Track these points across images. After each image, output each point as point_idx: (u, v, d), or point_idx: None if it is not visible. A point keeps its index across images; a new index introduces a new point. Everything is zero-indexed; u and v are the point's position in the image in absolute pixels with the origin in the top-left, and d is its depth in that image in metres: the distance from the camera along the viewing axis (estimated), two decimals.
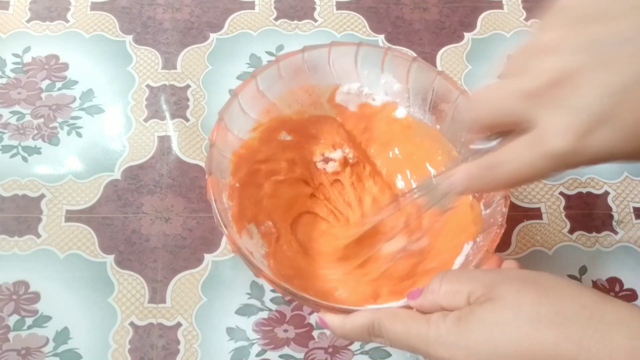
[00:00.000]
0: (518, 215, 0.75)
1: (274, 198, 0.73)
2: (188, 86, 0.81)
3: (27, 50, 0.82)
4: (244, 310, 0.68)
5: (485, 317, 0.52)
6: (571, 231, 0.75)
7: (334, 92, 0.74)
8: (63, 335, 0.66)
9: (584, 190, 0.77)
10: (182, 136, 0.78)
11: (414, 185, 0.75)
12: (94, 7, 0.85)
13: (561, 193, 0.77)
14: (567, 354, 0.49)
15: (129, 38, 0.83)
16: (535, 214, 0.76)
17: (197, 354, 0.66)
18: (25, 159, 0.75)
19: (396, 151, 0.77)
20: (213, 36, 0.84)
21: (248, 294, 0.69)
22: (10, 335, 0.65)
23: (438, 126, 0.73)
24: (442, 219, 0.73)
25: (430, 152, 0.76)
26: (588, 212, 0.76)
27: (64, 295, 0.68)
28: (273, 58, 0.82)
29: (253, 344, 0.67)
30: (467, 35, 0.87)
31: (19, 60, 0.81)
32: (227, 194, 0.67)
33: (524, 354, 0.50)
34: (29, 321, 0.66)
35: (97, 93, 0.80)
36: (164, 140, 0.77)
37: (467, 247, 0.68)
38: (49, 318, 0.66)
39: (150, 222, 0.72)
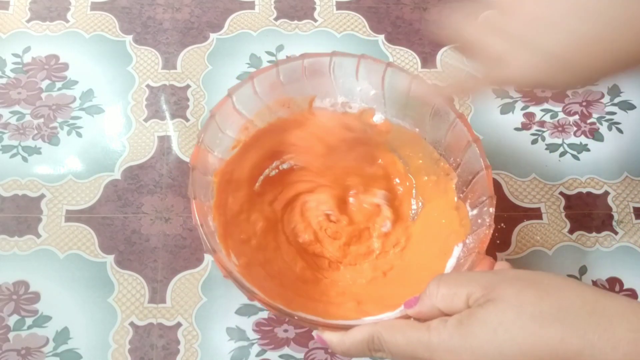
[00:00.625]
0: (518, 215, 0.76)
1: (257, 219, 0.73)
2: (188, 86, 0.82)
3: (27, 50, 0.83)
4: (244, 310, 0.69)
5: (487, 318, 0.52)
6: (571, 231, 0.75)
7: (311, 102, 0.75)
8: (63, 335, 0.66)
9: (584, 190, 0.78)
10: (182, 136, 0.78)
11: None
12: (94, 7, 0.86)
13: (561, 193, 0.78)
14: (573, 348, 0.50)
15: (129, 38, 0.84)
16: (535, 214, 0.77)
17: (197, 354, 0.67)
18: (25, 159, 0.76)
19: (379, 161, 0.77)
20: (213, 36, 0.85)
21: None
22: (11, 335, 0.66)
23: (417, 129, 0.74)
24: (429, 222, 0.74)
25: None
26: (588, 212, 0.77)
27: (64, 295, 0.69)
28: (273, 58, 0.84)
29: (253, 344, 0.68)
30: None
31: (19, 60, 0.82)
32: (212, 216, 0.68)
33: (530, 352, 0.51)
34: (29, 321, 0.67)
35: (97, 93, 0.80)
36: (164, 140, 0.78)
37: (457, 250, 0.69)
38: (49, 318, 0.67)
39: (151, 222, 0.72)
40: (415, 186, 0.77)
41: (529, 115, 0.84)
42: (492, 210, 0.65)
